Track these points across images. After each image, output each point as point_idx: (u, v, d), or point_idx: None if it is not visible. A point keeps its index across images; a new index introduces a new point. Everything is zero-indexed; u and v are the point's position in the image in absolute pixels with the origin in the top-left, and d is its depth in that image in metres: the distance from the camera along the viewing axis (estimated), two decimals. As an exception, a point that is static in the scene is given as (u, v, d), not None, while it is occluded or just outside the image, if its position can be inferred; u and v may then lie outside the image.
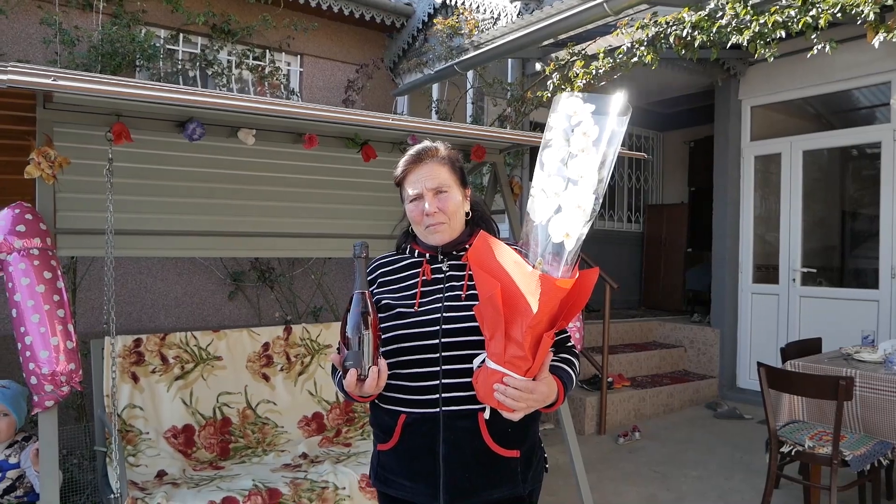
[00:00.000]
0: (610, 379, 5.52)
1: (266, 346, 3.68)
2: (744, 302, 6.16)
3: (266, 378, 3.63)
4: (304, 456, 3.34)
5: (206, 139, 2.77)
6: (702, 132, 7.99)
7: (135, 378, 3.29)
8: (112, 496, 2.70)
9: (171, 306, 5.49)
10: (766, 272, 6.14)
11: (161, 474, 3.06)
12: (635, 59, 3.53)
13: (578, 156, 1.50)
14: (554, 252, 1.48)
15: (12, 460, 2.69)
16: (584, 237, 1.48)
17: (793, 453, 3.31)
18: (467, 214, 1.79)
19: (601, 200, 1.50)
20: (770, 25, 2.98)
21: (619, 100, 1.50)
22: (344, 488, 2.85)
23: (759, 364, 3.37)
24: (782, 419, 3.62)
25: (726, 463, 4.50)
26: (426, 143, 1.76)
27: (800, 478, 3.64)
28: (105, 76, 3.57)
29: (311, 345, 3.81)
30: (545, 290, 1.41)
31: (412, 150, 1.75)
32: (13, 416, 2.74)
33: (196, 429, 3.35)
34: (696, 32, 3.21)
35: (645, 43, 3.45)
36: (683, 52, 3.32)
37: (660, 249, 8.55)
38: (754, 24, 3.06)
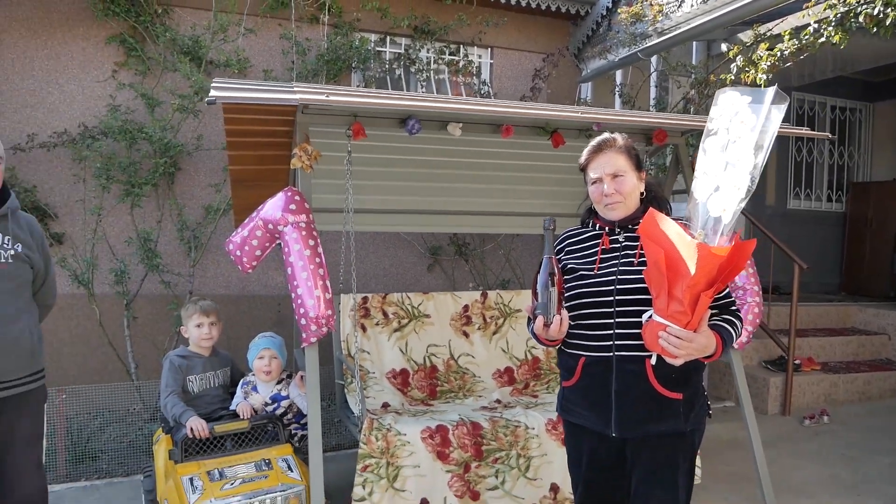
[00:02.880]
0: (798, 361, 5.45)
1: (466, 307, 4.28)
2: (959, 286, 5.71)
3: (466, 335, 4.24)
4: (499, 402, 3.90)
5: (421, 132, 3.35)
6: (919, 102, 7.34)
7: (363, 328, 4.04)
8: (354, 416, 3.45)
9: (381, 276, 6.35)
10: None
11: (385, 405, 3.78)
12: (823, 39, 3.54)
13: (737, 142, 1.82)
14: (713, 225, 1.83)
15: (283, 393, 3.47)
16: (738, 213, 1.81)
17: None
18: (642, 194, 2.16)
19: (756, 182, 1.81)
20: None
21: (773, 91, 1.80)
22: (533, 428, 3.36)
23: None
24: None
25: (926, 453, 4.36)
26: (606, 135, 2.14)
27: None
28: (350, 88, 4.38)
29: (504, 308, 4.35)
30: (702, 256, 1.76)
31: (594, 142, 2.14)
32: (280, 359, 3.51)
33: (410, 372, 4.04)
34: (888, 9, 3.17)
35: (833, 23, 3.44)
36: (875, 29, 3.29)
37: (865, 230, 7.97)
38: (952, -3, 2.97)
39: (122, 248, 5.42)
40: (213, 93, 2.47)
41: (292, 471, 3.00)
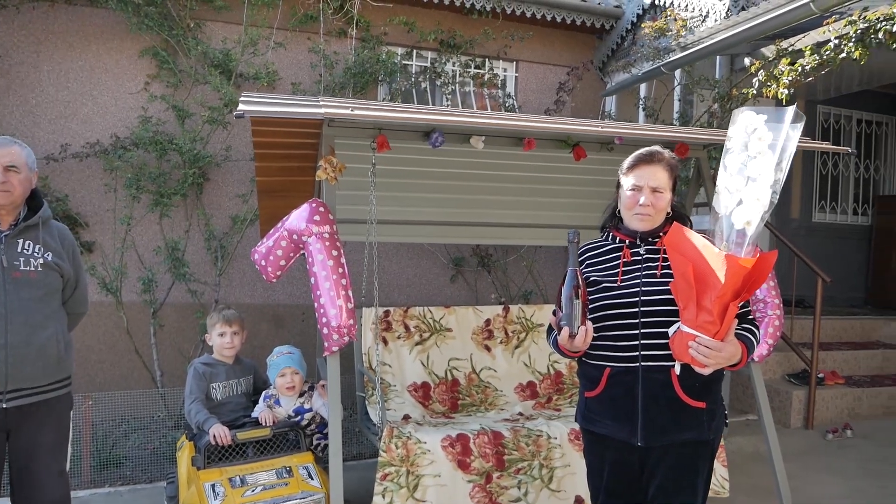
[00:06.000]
0: (821, 375, 5.39)
1: (488, 321, 4.31)
2: None
3: (488, 349, 4.26)
4: (521, 414, 3.91)
5: (444, 145, 3.39)
6: (948, 115, 7.23)
7: (385, 341, 4.08)
8: (374, 426, 3.48)
9: (404, 286, 6.40)
10: None
11: (406, 417, 3.81)
12: (843, 55, 3.55)
13: (756, 157, 1.86)
14: (737, 238, 1.86)
15: (306, 406, 3.51)
16: (762, 225, 1.84)
17: None
18: (668, 214, 2.19)
19: (778, 195, 1.84)
20: None
21: (791, 111, 1.83)
22: (556, 438, 3.36)
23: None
24: None
25: (954, 470, 4.28)
26: (657, 148, 2.16)
27: None
28: (374, 103, 4.43)
29: (527, 323, 4.37)
30: (730, 267, 1.80)
31: (644, 151, 2.16)
32: (301, 374, 3.54)
33: (432, 385, 4.07)
34: (907, 27, 3.18)
35: (853, 39, 3.45)
36: (895, 46, 3.29)
37: (891, 244, 7.86)
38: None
39: (150, 256, 5.53)
40: (241, 107, 2.54)
41: (313, 478, 3.04)
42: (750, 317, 2.11)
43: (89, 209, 5.46)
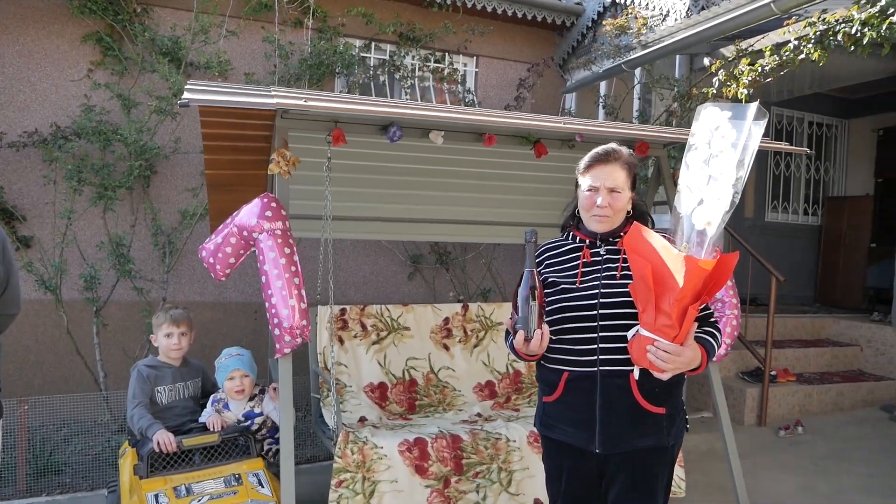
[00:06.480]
0: (774, 372, 5.48)
1: (447, 320, 4.22)
2: (933, 302, 5.78)
3: (446, 348, 4.18)
4: (479, 415, 3.84)
5: (403, 140, 3.29)
6: (893, 119, 7.45)
7: (341, 340, 3.96)
8: (329, 430, 3.36)
9: (360, 284, 6.26)
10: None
11: (362, 419, 3.70)
12: (802, 55, 3.58)
13: (718, 156, 1.81)
14: (697, 238, 1.80)
15: (257, 410, 3.34)
16: (723, 225, 1.79)
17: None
18: (628, 213, 2.13)
19: (739, 195, 1.79)
20: (948, 21, 2.93)
21: (754, 108, 1.79)
22: (514, 441, 3.30)
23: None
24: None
25: (898, 464, 4.38)
26: (614, 146, 2.10)
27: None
28: (330, 94, 4.27)
29: (486, 321, 4.30)
30: (689, 269, 1.74)
31: (600, 150, 2.09)
32: (251, 377, 3.38)
33: (389, 386, 3.96)
34: (865, 29, 3.21)
35: (812, 40, 3.48)
36: (853, 48, 3.33)
37: (839, 244, 8.08)
38: (932, 18, 3.02)
39: (93, 252, 5.27)
40: (186, 95, 2.39)
41: (263, 486, 2.91)
42: (712, 319, 2.05)
43: (27, 202, 5.17)
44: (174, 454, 2.96)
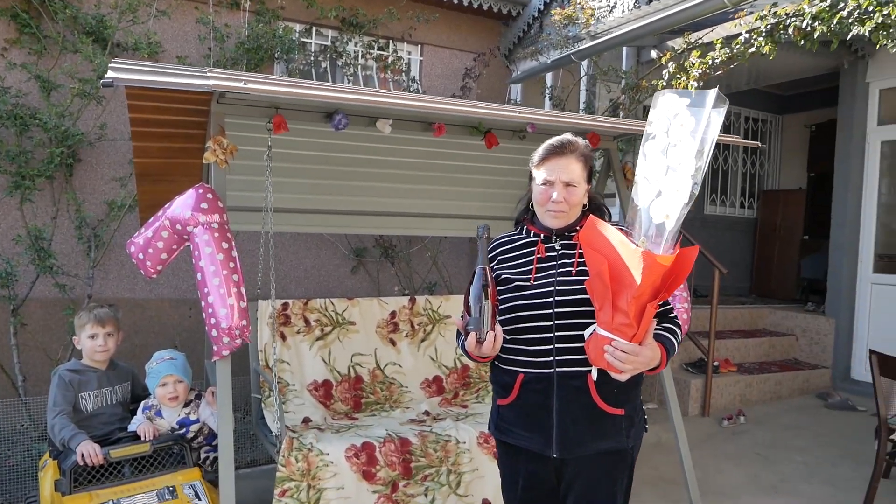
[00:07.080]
0: (716, 363, 5.56)
1: (393, 314, 4.07)
2: (862, 292, 5.98)
3: (393, 343, 4.03)
4: (427, 413, 3.72)
5: (348, 128, 3.13)
6: (825, 115, 7.69)
7: (283, 337, 3.76)
8: (271, 434, 3.18)
9: (301, 278, 6.04)
10: (890, 262, 5.93)
11: (306, 420, 3.52)
12: (753, 49, 3.59)
13: (677, 145, 1.72)
14: (656, 232, 1.72)
15: (192, 416, 3.13)
16: (682, 218, 1.70)
17: (903, 441, 3.33)
18: (584, 206, 2.03)
19: (699, 186, 1.71)
20: (894, 17, 2.96)
21: (714, 94, 1.71)
22: (464, 442, 3.19)
23: (872, 351, 3.40)
24: (895, 409, 3.62)
25: (834, 451, 4.50)
26: (569, 137, 1.98)
27: (911, 467, 3.65)
28: (271, 77, 4.05)
29: (433, 315, 4.17)
30: (647, 265, 1.65)
31: (554, 141, 1.97)
32: (186, 382, 3.15)
33: (333, 384, 3.79)
34: (815, 23, 3.23)
35: (763, 34, 3.49)
36: (803, 42, 3.35)
37: (774, 236, 8.35)
38: (877, 14, 3.05)
39: (8, 246, 4.88)
40: (110, 73, 2.15)
41: (200, 499, 2.71)
42: (672, 315, 1.97)
43: (-67, 191, 4.75)
44: (101, 466, 2.72)
